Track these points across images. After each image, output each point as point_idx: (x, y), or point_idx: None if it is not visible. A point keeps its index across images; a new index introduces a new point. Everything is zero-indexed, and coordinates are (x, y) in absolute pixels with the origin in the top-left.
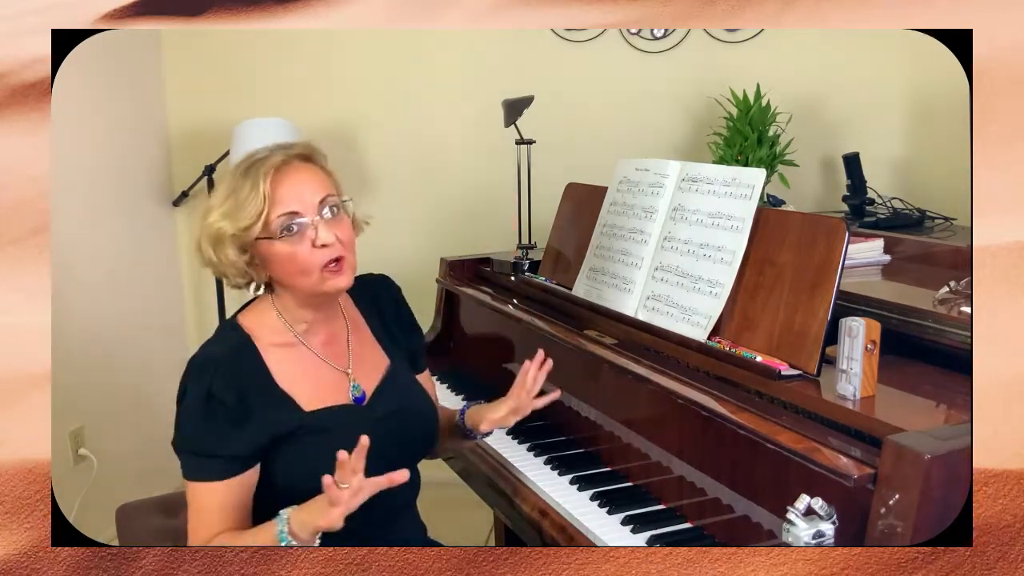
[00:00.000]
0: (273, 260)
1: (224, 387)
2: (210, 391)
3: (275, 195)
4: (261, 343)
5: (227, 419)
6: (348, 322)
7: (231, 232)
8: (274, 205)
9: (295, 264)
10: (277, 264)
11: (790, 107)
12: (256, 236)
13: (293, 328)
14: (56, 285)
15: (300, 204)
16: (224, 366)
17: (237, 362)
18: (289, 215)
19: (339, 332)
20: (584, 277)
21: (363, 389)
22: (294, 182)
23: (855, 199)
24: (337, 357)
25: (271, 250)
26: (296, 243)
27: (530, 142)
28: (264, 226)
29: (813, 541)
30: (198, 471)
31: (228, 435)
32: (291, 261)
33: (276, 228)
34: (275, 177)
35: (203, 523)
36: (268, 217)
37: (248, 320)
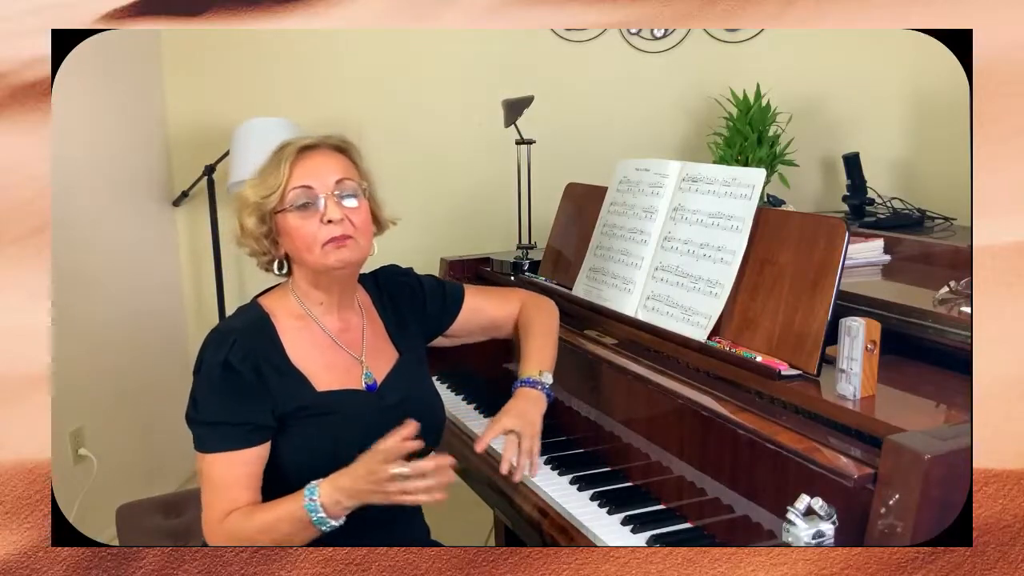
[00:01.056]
0: (286, 232)
1: (241, 358)
2: (227, 360)
3: (294, 171)
4: (278, 321)
5: (242, 389)
6: (364, 312)
7: (253, 200)
8: (291, 179)
9: (302, 238)
10: (288, 237)
11: (790, 107)
12: (274, 208)
13: (309, 310)
14: (56, 285)
15: (315, 180)
16: (242, 338)
17: (254, 336)
18: (304, 189)
19: (355, 321)
20: (584, 277)
21: (375, 377)
22: (315, 163)
23: (855, 199)
24: (352, 345)
25: (285, 222)
26: (307, 217)
27: (530, 142)
28: (281, 199)
29: (813, 541)
30: (212, 442)
31: (242, 405)
32: (299, 234)
33: (291, 201)
34: (298, 156)
35: (218, 497)
36: (285, 189)
37: (267, 301)
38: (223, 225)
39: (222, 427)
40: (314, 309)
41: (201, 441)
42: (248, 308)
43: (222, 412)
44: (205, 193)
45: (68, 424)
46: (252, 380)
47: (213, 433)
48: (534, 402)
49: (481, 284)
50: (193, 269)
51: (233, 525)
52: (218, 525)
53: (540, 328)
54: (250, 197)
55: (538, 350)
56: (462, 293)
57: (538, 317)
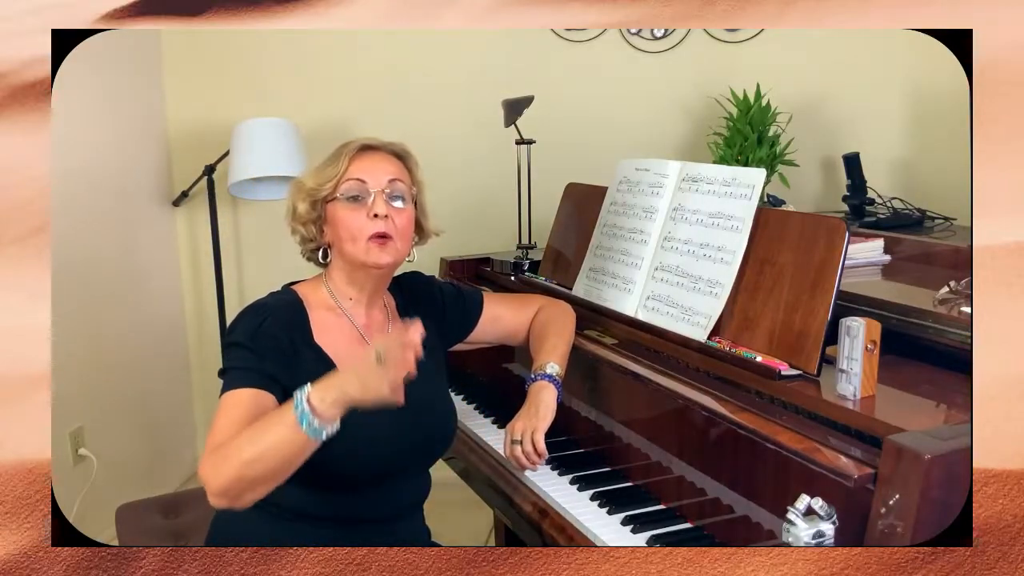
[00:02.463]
0: (333, 221)
1: (275, 326)
2: (262, 326)
3: (352, 165)
4: (310, 309)
5: (275, 348)
6: (389, 313)
7: (309, 186)
8: (348, 172)
9: (348, 228)
10: (334, 226)
11: (790, 107)
12: (326, 196)
13: (340, 302)
14: (56, 285)
15: (369, 176)
16: (276, 313)
17: (288, 313)
18: (357, 182)
19: (380, 320)
20: (584, 277)
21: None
22: (373, 161)
23: (855, 199)
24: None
25: (335, 211)
26: (355, 209)
27: (530, 142)
28: (334, 188)
29: (813, 541)
30: (235, 381)
31: (272, 358)
32: (345, 224)
33: (343, 191)
34: (359, 152)
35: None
36: (339, 180)
37: (301, 288)
38: (223, 225)
39: (245, 371)
40: (344, 303)
41: (225, 385)
42: (282, 292)
43: (251, 358)
44: (205, 193)
45: (68, 424)
46: (286, 344)
47: (236, 374)
48: (536, 393)
49: (481, 284)
50: (193, 269)
51: (224, 450)
52: (210, 454)
53: (553, 328)
54: (307, 183)
55: (551, 347)
56: (482, 302)
57: (552, 318)
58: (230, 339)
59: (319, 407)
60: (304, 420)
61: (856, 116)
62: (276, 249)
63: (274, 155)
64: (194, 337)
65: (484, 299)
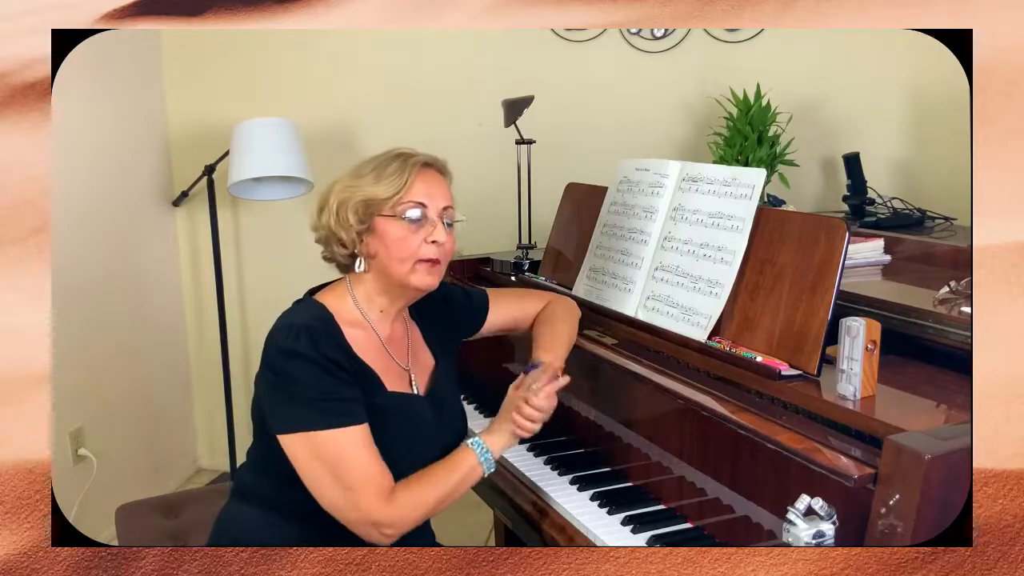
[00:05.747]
0: (384, 237)
1: (333, 349)
2: (322, 353)
3: (414, 184)
4: (341, 321)
5: (346, 373)
6: (407, 324)
7: (363, 197)
8: (409, 191)
9: (402, 248)
10: (386, 242)
11: (790, 107)
12: (382, 211)
13: (367, 315)
14: (56, 285)
15: (430, 200)
16: (321, 333)
17: (330, 332)
18: (419, 204)
19: (400, 331)
20: (584, 277)
21: (418, 384)
22: (433, 183)
23: (855, 199)
24: (399, 354)
25: (388, 227)
26: (412, 231)
27: (530, 142)
28: (393, 205)
29: (813, 541)
30: (335, 417)
31: (347, 384)
32: (400, 244)
33: (402, 210)
34: (420, 170)
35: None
36: (401, 198)
37: (325, 298)
38: (223, 225)
39: (343, 402)
40: (372, 315)
41: (309, 422)
42: (310, 304)
43: (336, 392)
44: (205, 193)
45: (68, 424)
46: (349, 368)
47: (331, 408)
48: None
49: (481, 284)
50: (193, 269)
51: (407, 499)
52: (386, 503)
53: (554, 321)
54: (361, 194)
55: (548, 341)
56: (487, 302)
57: (555, 313)
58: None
59: (496, 454)
60: (487, 465)
61: (856, 116)
62: (276, 249)
63: (274, 155)
64: (194, 337)
65: (489, 298)
